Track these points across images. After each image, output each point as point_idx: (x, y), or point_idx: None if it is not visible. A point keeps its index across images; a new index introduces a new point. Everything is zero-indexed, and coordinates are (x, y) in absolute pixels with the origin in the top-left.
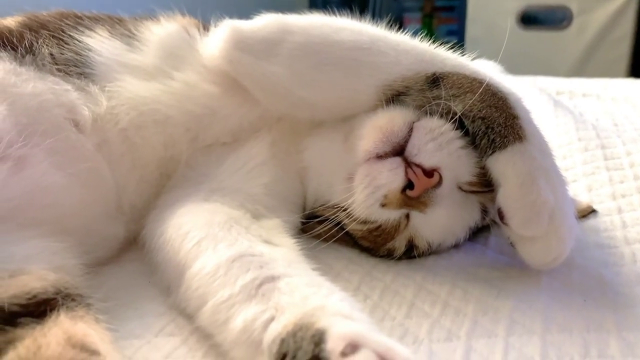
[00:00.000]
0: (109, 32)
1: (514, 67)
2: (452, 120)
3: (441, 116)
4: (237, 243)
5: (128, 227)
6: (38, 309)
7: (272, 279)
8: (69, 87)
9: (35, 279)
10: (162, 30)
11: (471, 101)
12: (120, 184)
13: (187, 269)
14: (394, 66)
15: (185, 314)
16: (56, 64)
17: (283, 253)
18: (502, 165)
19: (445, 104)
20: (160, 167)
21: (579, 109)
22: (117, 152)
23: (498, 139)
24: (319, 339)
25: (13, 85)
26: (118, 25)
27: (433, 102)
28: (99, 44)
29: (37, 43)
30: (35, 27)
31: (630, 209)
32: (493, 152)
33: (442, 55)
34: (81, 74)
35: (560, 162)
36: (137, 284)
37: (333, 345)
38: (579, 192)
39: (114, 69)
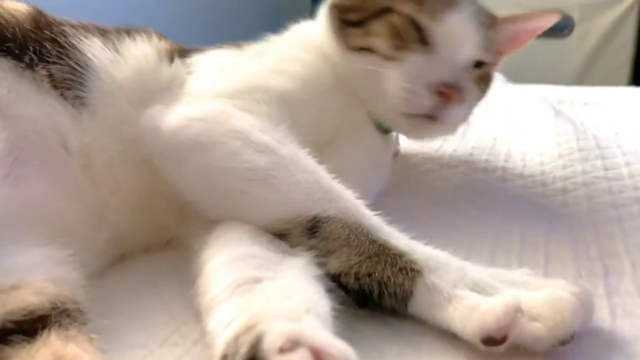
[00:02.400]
0: (102, 44)
1: (516, 74)
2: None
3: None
4: (252, 245)
5: (114, 243)
6: (32, 326)
7: (255, 280)
8: (62, 113)
9: (34, 292)
10: (138, 52)
11: (346, 256)
12: (102, 203)
13: (205, 264)
14: (279, 206)
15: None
16: (54, 85)
17: (292, 261)
18: (423, 310)
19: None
20: (142, 196)
21: (579, 118)
22: (100, 175)
23: (399, 290)
24: (257, 340)
25: (14, 106)
26: (107, 37)
27: (303, 252)
28: (94, 56)
29: (39, 56)
30: (42, 27)
31: (629, 219)
32: (405, 304)
33: (335, 194)
34: (75, 98)
35: (560, 172)
36: (142, 294)
37: (271, 341)
38: (579, 201)
39: (105, 90)
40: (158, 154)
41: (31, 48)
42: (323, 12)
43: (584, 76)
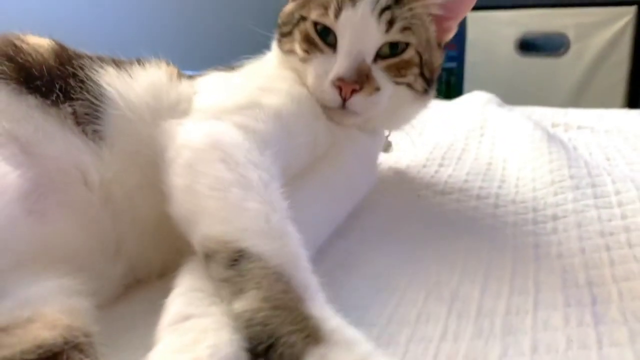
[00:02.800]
0: (116, 72)
1: (512, 93)
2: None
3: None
4: (201, 278)
5: (128, 271)
6: None
7: (184, 318)
8: (84, 150)
9: (47, 326)
10: (149, 76)
11: (252, 299)
12: (120, 235)
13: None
14: (219, 223)
15: None
16: (77, 121)
17: None
18: None
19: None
20: (159, 223)
21: (573, 142)
22: (119, 208)
23: (287, 351)
24: None
25: (39, 145)
26: (120, 66)
27: (215, 284)
28: (109, 84)
29: (64, 93)
30: (66, 64)
31: (617, 247)
32: None
33: (277, 234)
34: (95, 132)
35: (551, 199)
36: (147, 324)
37: None
38: (569, 228)
39: (120, 117)
40: (167, 150)
41: (57, 85)
42: (275, 36)
43: (579, 95)
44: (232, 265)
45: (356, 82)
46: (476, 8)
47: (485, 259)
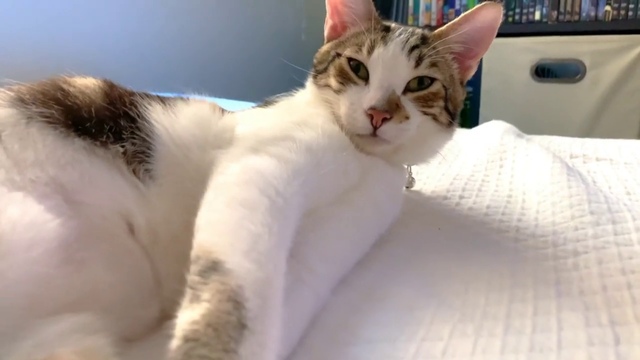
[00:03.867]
0: (162, 108)
1: (528, 119)
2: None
3: None
4: None
5: (162, 310)
6: None
7: None
8: (131, 195)
9: None
10: (193, 109)
11: (195, 313)
12: (161, 276)
13: None
14: (221, 234)
15: None
16: (128, 161)
17: None
18: None
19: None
20: None
21: (592, 175)
22: (163, 247)
23: None
24: None
25: (83, 192)
26: (165, 102)
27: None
28: (157, 121)
29: (115, 133)
30: (116, 102)
31: (638, 286)
32: None
33: (262, 259)
34: (147, 171)
35: (571, 234)
36: None
37: None
38: (590, 264)
39: (168, 153)
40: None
41: (107, 126)
42: (309, 75)
43: (595, 121)
44: (203, 273)
45: (387, 111)
46: None
47: (506, 295)
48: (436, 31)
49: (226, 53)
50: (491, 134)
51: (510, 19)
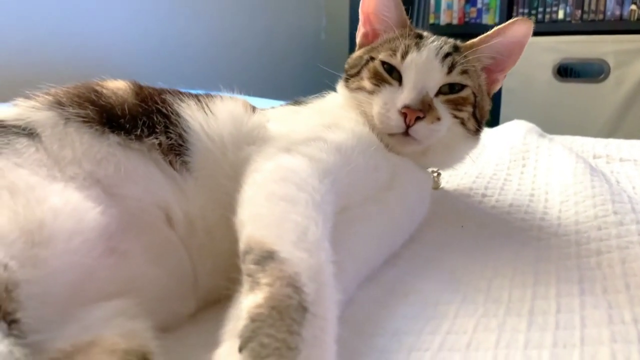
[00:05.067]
0: (196, 105)
1: (550, 119)
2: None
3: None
4: None
5: (199, 301)
6: None
7: None
8: (167, 187)
9: (106, 351)
10: (226, 107)
11: (258, 297)
12: (196, 269)
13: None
14: (268, 226)
15: None
16: (164, 153)
17: None
18: None
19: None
20: (234, 256)
21: (615, 176)
22: (199, 242)
23: (254, 352)
24: None
25: (121, 186)
26: (199, 99)
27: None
28: (192, 118)
29: (149, 127)
30: (147, 101)
31: None
32: None
33: (310, 247)
34: (182, 163)
35: (595, 233)
36: (212, 342)
37: None
38: (613, 264)
39: (204, 148)
40: (244, 174)
41: (141, 121)
42: (340, 79)
43: (618, 122)
44: (259, 262)
45: (421, 110)
46: None
47: (529, 292)
48: (468, 42)
49: (247, 51)
50: (514, 133)
51: (533, 18)
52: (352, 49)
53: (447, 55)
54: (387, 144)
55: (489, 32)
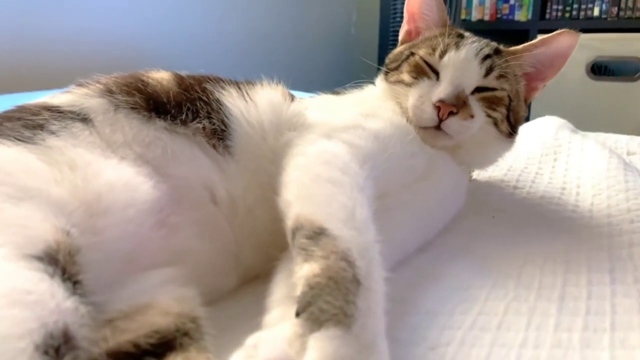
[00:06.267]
0: (237, 93)
1: (583, 117)
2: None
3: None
4: None
5: (240, 277)
6: (161, 348)
7: None
8: (212, 168)
9: (161, 313)
10: (266, 94)
11: (314, 266)
12: (239, 248)
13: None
14: (316, 205)
15: None
16: (207, 136)
17: None
18: (309, 346)
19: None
20: (273, 234)
21: None
22: (241, 221)
23: (314, 316)
24: None
25: (169, 166)
26: (239, 87)
27: (295, 251)
28: (233, 105)
29: (193, 113)
30: (189, 89)
31: None
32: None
33: (357, 226)
34: (225, 147)
35: (627, 226)
36: (251, 316)
37: None
38: None
39: (245, 134)
40: (286, 157)
41: (185, 106)
42: (380, 73)
43: None
44: (312, 237)
45: (454, 105)
46: (547, 31)
47: (560, 279)
48: (511, 48)
49: (277, 46)
50: (545, 128)
51: (567, 15)
52: (382, 44)
53: (486, 57)
54: (422, 138)
55: (533, 41)
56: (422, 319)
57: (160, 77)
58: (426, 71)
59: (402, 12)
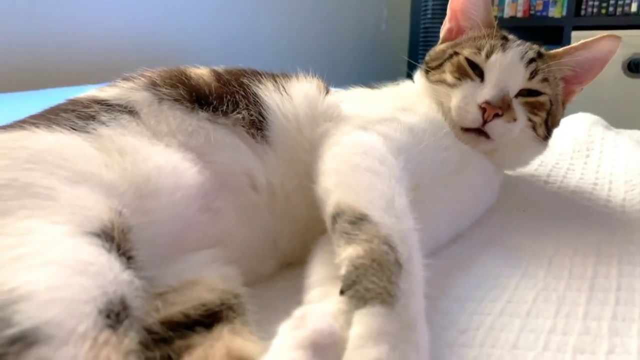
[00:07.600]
0: (273, 86)
1: (618, 114)
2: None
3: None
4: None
5: (277, 263)
6: (209, 319)
7: None
8: (252, 157)
9: (207, 289)
10: (302, 88)
11: (358, 249)
12: (277, 235)
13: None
14: (358, 193)
15: None
16: (246, 127)
17: None
18: (355, 321)
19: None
20: (309, 221)
21: None
22: (280, 210)
23: (359, 294)
24: None
25: (211, 154)
26: (276, 80)
27: (336, 235)
28: (270, 97)
29: (233, 105)
30: (228, 83)
31: None
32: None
33: (396, 214)
34: (263, 137)
35: None
36: (287, 298)
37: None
38: None
39: (282, 126)
40: (322, 146)
41: (225, 98)
42: (419, 70)
43: None
44: (354, 223)
45: (500, 107)
46: (582, 28)
47: (590, 271)
48: (552, 51)
49: (308, 42)
50: (578, 125)
51: (603, 11)
52: (412, 40)
53: (531, 60)
54: (459, 137)
55: (574, 44)
56: (452, 305)
57: (200, 72)
58: (469, 73)
59: (432, 8)
